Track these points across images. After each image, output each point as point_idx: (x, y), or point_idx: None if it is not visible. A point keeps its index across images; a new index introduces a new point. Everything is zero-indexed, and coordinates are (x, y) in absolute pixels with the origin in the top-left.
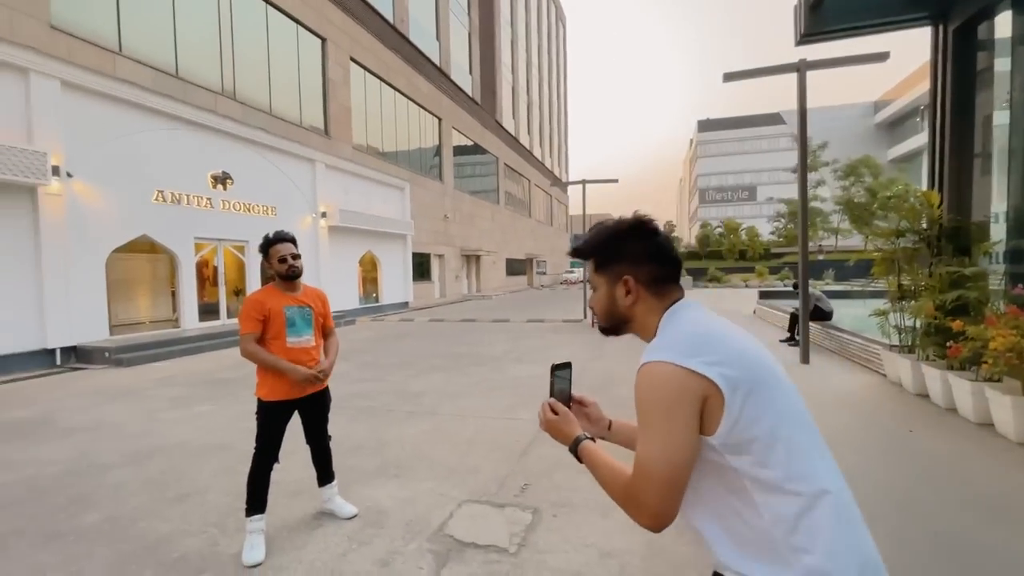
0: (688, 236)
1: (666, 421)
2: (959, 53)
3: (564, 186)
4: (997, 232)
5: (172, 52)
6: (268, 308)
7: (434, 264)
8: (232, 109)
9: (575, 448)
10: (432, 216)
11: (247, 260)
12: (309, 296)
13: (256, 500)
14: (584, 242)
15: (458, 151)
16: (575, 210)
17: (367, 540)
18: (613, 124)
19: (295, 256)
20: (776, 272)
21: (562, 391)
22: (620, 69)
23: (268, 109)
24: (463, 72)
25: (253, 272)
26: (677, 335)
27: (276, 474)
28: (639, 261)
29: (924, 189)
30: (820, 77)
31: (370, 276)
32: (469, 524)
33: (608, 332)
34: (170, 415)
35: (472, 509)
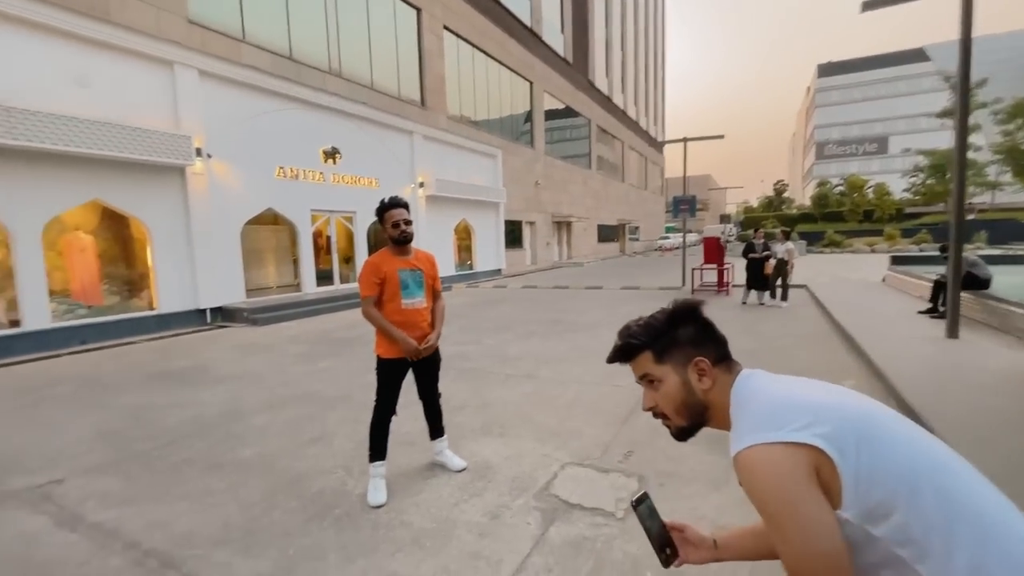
0: (801, 196)
1: (793, 506)
2: None
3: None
4: None
5: (286, 36)
6: (384, 271)
7: (525, 231)
8: (339, 86)
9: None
10: (523, 183)
11: (355, 230)
12: (420, 260)
13: (377, 448)
14: (631, 335)
15: (549, 115)
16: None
17: (477, 492)
18: (716, 78)
19: (407, 222)
20: (910, 235)
21: (659, 535)
22: (724, 16)
23: (370, 84)
24: (554, 31)
25: (361, 241)
26: (757, 412)
27: (392, 426)
28: (701, 341)
29: None
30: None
31: (464, 244)
32: (574, 486)
33: (688, 433)
34: (298, 368)
35: (576, 471)
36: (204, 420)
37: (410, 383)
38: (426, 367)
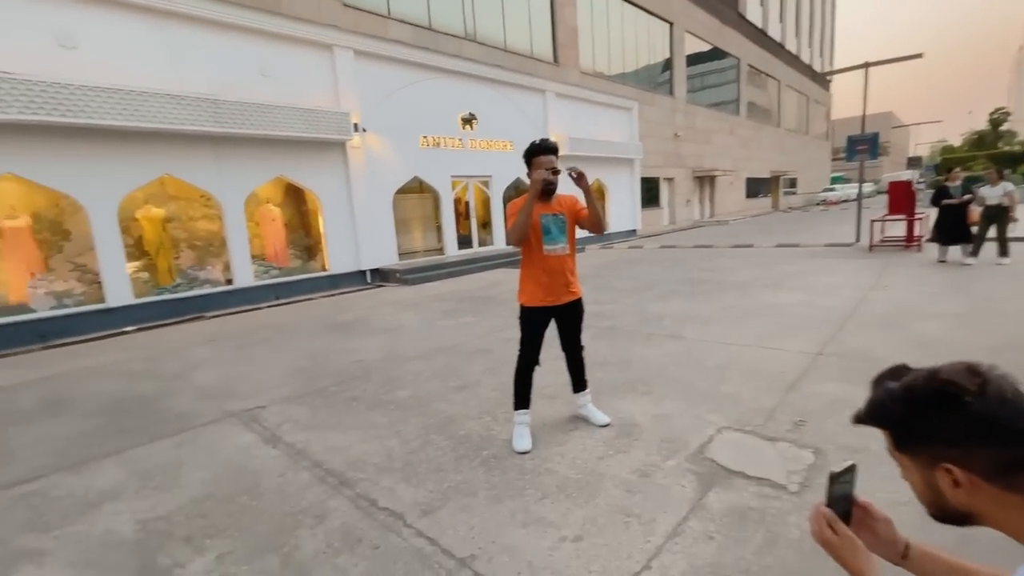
0: None
1: None
2: None
3: (827, 81)
4: None
5: (426, 6)
6: None
7: (663, 188)
8: (474, 51)
9: None
10: (661, 136)
11: (491, 194)
12: (563, 204)
13: (521, 397)
14: (871, 404)
15: (691, 60)
16: (841, 112)
17: (623, 449)
18: None
19: (555, 171)
20: None
21: (842, 498)
22: None
23: (503, 45)
24: None
25: (497, 205)
26: None
27: (534, 376)
28: (962, 442)
29: None
30: None
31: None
32: (734, 452)
33: (945, 522)
34: (444, 323)
35: (734, 436)
36: (368, 364)
37: (552, 338)
38: (569, 316)
